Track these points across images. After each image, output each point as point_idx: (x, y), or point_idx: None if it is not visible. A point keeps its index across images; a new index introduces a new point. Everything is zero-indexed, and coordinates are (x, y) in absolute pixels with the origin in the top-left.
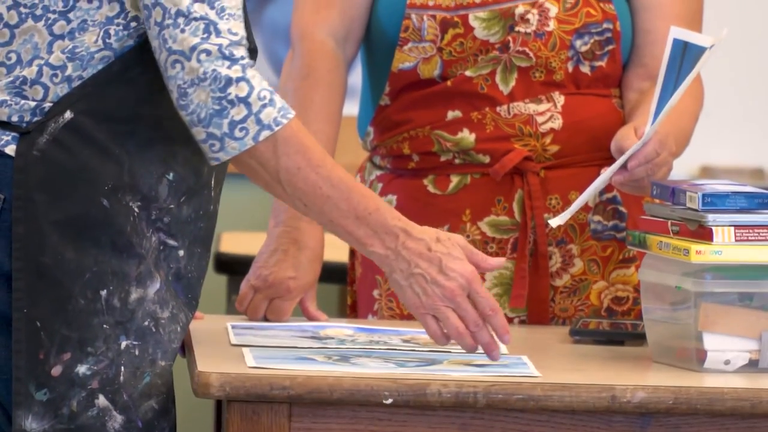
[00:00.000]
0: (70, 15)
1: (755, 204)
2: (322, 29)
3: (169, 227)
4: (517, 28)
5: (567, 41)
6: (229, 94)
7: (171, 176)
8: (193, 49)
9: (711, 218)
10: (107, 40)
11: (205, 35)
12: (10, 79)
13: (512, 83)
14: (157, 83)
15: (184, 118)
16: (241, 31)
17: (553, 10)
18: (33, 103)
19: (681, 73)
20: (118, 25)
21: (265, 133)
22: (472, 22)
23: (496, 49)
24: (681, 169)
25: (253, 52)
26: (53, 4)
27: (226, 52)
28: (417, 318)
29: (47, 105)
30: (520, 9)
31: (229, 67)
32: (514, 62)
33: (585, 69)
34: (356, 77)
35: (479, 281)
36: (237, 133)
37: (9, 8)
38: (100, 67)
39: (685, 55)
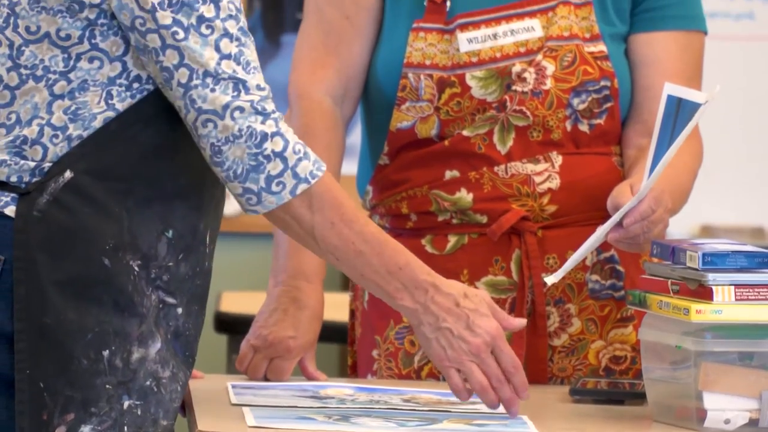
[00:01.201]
0: (71, 75)
1: (755, 263)
2: (320, 88)
3: (168, 285)
4: (514, 87)
5: (564, 99)
6: (265, 149)
7: (170, 234)
8: (225, 107)
9: (711, 277)
10: (110, 101)
11: (236, 93)
12: (10, 138)
13: (510, 143)
14: (155, 140)
15: (219, 174)
16: (266, 84)
17: (550, 68)
18: (32, 164)
19: (676, 129)
20: (120, 85)
21: (303, 187)
22: (469, 81)
23: (493, 108)
24: (681, 228)
25: None
26: (54, 65)
27: (259, 108)
28: (441, 371)
29: (47, 165)
30: (517, 67)
31: (263, 123)
32: (511, 121)
33: (583, 127)
34: (356, 136)
35: (503, 338)
36: (274, 188)
37: (9, 70)
38: (99, 126)
39: (680, 112)
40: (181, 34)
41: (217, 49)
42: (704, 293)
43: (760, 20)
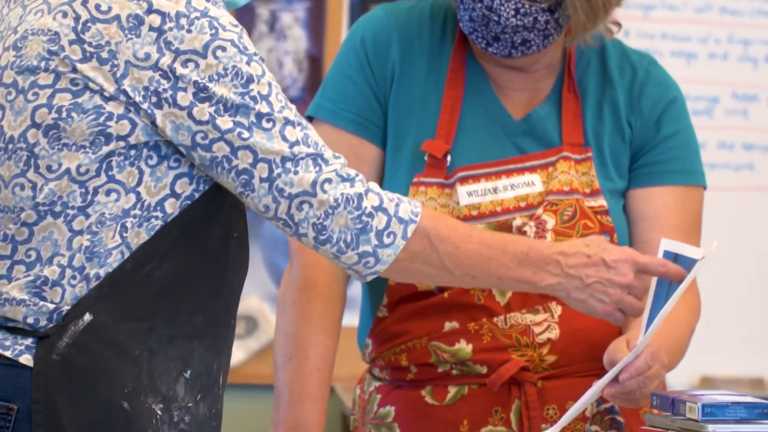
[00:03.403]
0: (89, 210)
1: (755, 414)
2: None
3: (190, 427)
4: None
5: None
6: (365, 208)
7: (188, 374)
8: (314, 183)
9: (711, 429)
10: (123, 234)
11: (317, 167)
12: (31, 278)
13: (509, 294)
14: (171, 277)
15: (329, 251)
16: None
17: (551, 222)
18: (51, 306)
19: (672, 284)
20: (134, 216)
21: (411, 227)
22: None
23: None
24: (681, 380)
25: None
26: (72, 200)
27: (344, 174)
28: (606, 318)
29: (65, 308)
30: (517, 221)
31: (352, 186)
32: None
33: None
34: (357, 288)
35: (638, 254)
36: (386, 240)
37: (27, 207)
38: (116, 264)
39: None
40: (246, 134)
41: (284, 138)
42: None
43: (760, 171)
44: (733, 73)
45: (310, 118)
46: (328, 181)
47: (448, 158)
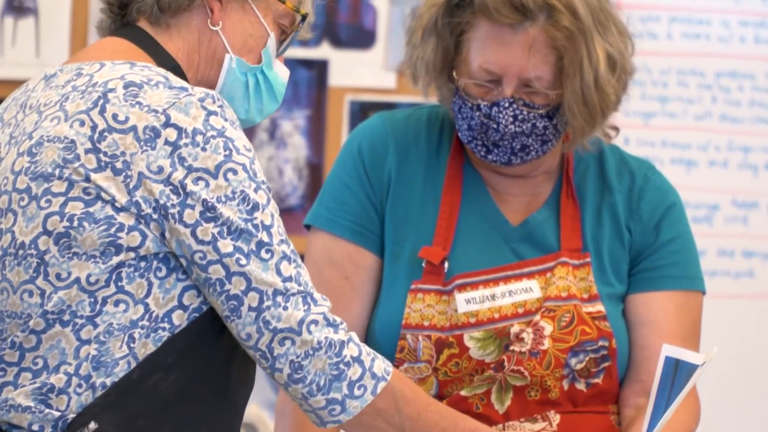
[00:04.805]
0: (97, 320)
1: None
2: None
3: None
4: (512, 347)
5: (562, 359)
6: (345, 356)
7: None
8: (301, 322)
9: None
10: (131, 345)
11: (306, 307)
12: (37, 385)
13: (508, 402)
14: (176, 388)
15: (299, 390)
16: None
17: (548, 328)
18: (57, 413)
19: (673, 390)
20: (142, 327)
21: (382, 384)
22: (468, 342)
23: (491, 368)
24: None
25: None
26: (81, 309)
27: (330, 319)
28: None
29: (71, 416)
30: (515, 328)
31: (335, 332)
32: (509, 381)
33: (581, 386)
34: None
35: None
36: (356, 392)
37: (37, 316)
38: (122, 374)
39: (677, 373)
40: (244, 261)
41: (278, 272)
42: None
43: (759, 279)
44: (733, 180)
45: (308, 227)
46: (315, 322)
47: (446, 265)
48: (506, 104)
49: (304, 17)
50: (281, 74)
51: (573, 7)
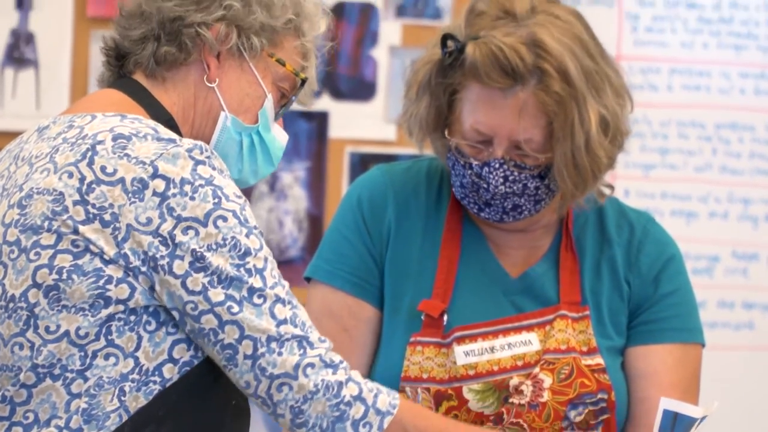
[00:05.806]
0: (87, 373)
1: None
2: None
3: None
4: (511, 400)
5: (561, 412)
6: (344, 396)
7: None
8: (296, 367)
9: None
10: (122, 398)
11: (302, 351)
12: None
13: None
14: None
15: None
16: (326, 338)
17: (548, 381)
18: None
19: None
20: (132, 381)
21: (388, 419)
22: (467, 395)
23: (490, 420)
24: None
25: None
26: (71, 363)
27: (327, 360)
28: None
29: None
30: (514, 380)
31: (334, 373)
32: None
33: None
34: None
35: None
36: (362, 430)
37: (27, 370)
38: (113, 427)
39: (676, 426)
40: (236, 308)
41: (273, 316)
42: None
43: (760, 330)
44: (733, 232)
45: (308, 279)
46: (311, 366)
47: (445, 317)
48: (497, 165)
49: (303, 81)
50: (279, 138)
51: (565, 71)
